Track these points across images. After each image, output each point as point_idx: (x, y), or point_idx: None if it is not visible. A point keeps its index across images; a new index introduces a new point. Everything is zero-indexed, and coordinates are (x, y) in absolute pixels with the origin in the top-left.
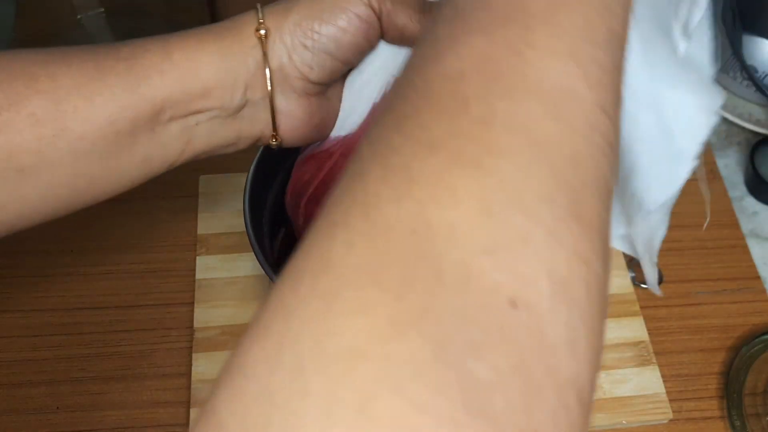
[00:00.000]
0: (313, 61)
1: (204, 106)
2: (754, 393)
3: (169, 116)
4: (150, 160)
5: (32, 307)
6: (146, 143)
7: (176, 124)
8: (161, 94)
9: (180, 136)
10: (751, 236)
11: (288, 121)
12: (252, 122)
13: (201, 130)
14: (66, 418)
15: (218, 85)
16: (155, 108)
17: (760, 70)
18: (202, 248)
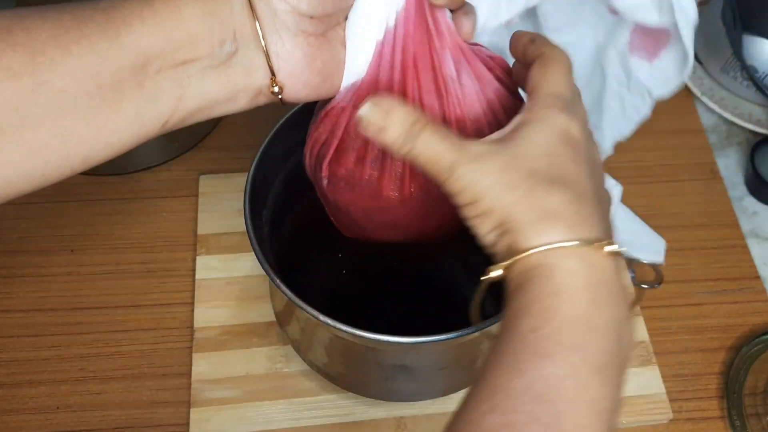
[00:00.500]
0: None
1: (191, 55)
2: (754, 393)
3: (156, 68)
4: (141, 118)
5: (32, 307)
6: (134, 99)
7: (165, 78)
8: (144, 44)
9: (171, 90)
10: (751, 236)
11: (286, 65)
12: (247, 71)
13: (192, 83)
14: (66, 417)
15: (204, 31)
16: (139, 59)
17: (760, 70)
18: (202, 248)
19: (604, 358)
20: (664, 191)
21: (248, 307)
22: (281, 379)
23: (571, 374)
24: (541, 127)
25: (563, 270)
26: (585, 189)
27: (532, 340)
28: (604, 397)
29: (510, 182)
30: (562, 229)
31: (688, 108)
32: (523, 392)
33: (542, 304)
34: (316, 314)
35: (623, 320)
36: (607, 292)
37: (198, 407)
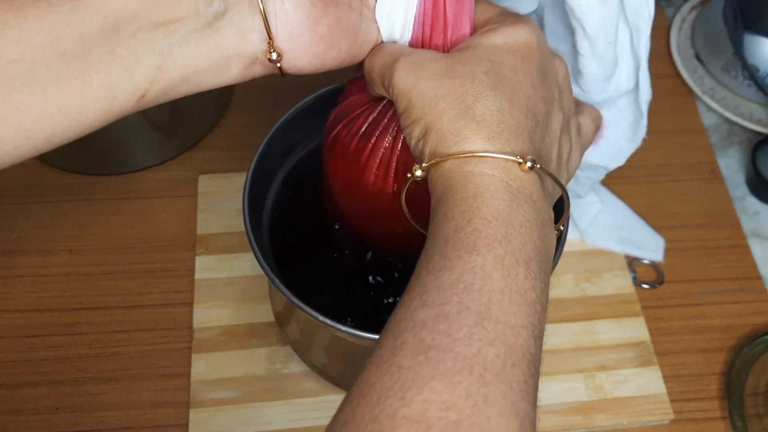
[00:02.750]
0: None
1: (173, 15)
2: (755, 393)
3: (130, 32)
4: (113, 91)
5: (31, 307)
6: (105, 69)
7: (142, 43)
8: (114, 4)
9: (148, 58)
10: (752, 236)
11: (286, 27)
12: (239, 34)
13: (175, 49)
14: (65, 418)
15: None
16: (109, 21)
17: (761, 70)
18: (202, 248)
19: (528, 253)
20: (665, 191)
21: (248, 307)
22: (281, 379)
23: (497, 265)
24: (490, 36)
25: (481, 175)
26: (520, 99)
27: (458, 238)
28: (532, 288)
29: (442, 89)
30: (482, 138)
31: (689, 107)
32: (453, 285)
33: (462, 206)
34: (316, 315)
35: (545, 223)
36: (524, 198)
37: (197, 408)
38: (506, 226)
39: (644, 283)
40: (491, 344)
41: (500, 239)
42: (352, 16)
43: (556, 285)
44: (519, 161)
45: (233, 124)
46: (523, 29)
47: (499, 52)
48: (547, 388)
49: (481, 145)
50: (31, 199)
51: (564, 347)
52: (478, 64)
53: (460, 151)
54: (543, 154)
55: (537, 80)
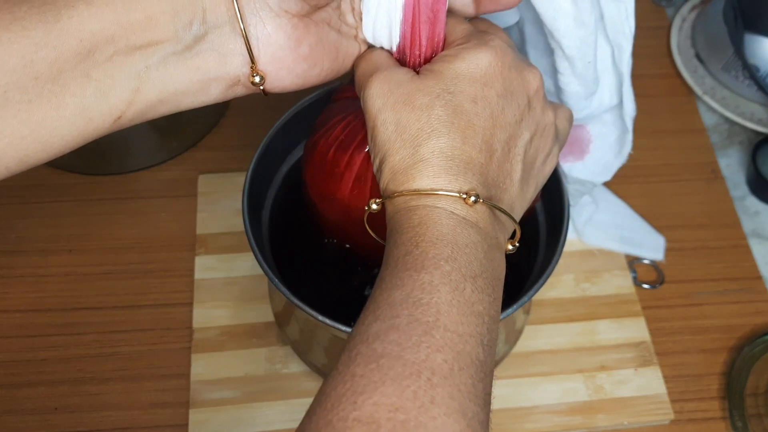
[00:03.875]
0: None
1: (150, 39)
2: (755, 393)
3: (106, 56)
4: (87, 113)
5: (30, 307)
6: (80, 92)
7: (118, 66)
8: (90, 27)
9: (125, 81)
10: (752, 236)
11: (268, 50)
12: (220, 57)
13: (152, 72)
14: (65, 418)
15: (165, 11)
16: (84, 45)
17: (762, 69)
18: (201, 248)
19: (474, 270)
20: (665, 191)
21: (247, 307)
22: (280, 379)
23: (444, 280)
24: (453, 62)
25: (425, 208)
26: (475, 133)
27: (407, 260)
28: (479, 301)
29: (401, 123)
30: (428, 176)
31: (689, 107)
32: (403, 300)
33: (410, 234)
34: (315, 314)
35: (492, 246)
36: (469, 225)
37: (197, 408)
38: (451, 246)
39: (644, 283)
40: (439, 351)
41: (446, 258)
42: (332, 34)
43: (556, 285)
44: (463, 197)
45: (233, 124)
46: (485, 55)
47: (460, 81)
48: (547, 388)
49: (426, 184)
50: (31, 199)
51: (564, 347)
52: (439, 96)
53: (407, 190)
54: (499, 182)
55: (498, 107)
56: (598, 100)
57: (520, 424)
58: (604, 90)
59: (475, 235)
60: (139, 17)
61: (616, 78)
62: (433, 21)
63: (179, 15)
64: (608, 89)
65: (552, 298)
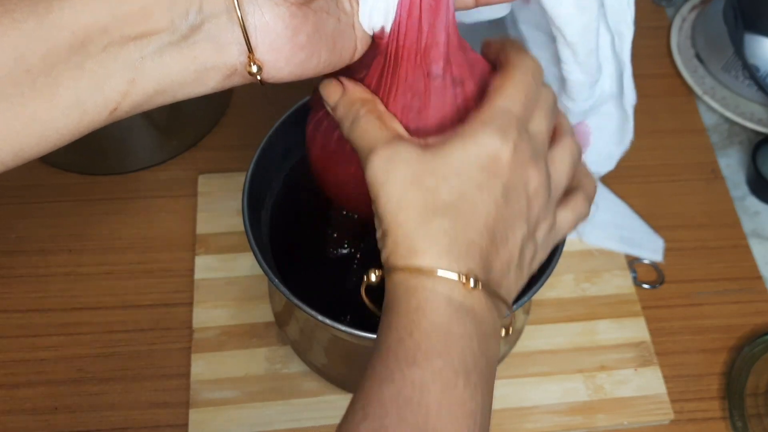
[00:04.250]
0: None
1: (145, 29)
2: (755, 393)
3: (100, 47)
4: (82, 106)
5: (31, 307)
6: (73, 84)
7: (113, 57)
8: (84, 19)
9: (120, 72)
10: (752, 236)
11: (266, 39)
12: (217, 46)
13: (148, 62)
14: (65, 418)
15: (162, 1)
16: (77, 37)
17: (762, 69)
18: (201, 248)
19: (467, 364)
20: (665, 191)
21: (247, 307)
22: (280, 379)
23: (436, 378)
24: (465, 144)
25: (424, 290)
26: (478, 219)
27: (399, 350)
28: (471, 398)
29: (406, 199)
30: (430, 255)
31: (689, 107)
32: (393, 398)
33: (405, 319)
34: (315, 314)
35: (487, 334)
36: (466, 312)
37: (197, 408)
38: (445, 338)
39: (644, 283)
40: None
41: (439, 351)
42: (329, 23)
43: (556, 285)
44: (462, 281)
45: (233, 124)
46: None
47: (469, 167)
48: (547, 388)
49: (428, 263)
50: (31, 199)
51: (564, 347)
52: (446, 179)
53: (408, 266)
54: (496, 269)
55: (501, 198)
56: (600, 89)
57: (520, 424)
58: (605, 78)
59: (470, 325)
60: (134, 8)
61: (616, 66)
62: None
63: (175, 4)
64: (609, 78)
65: (552, 297)
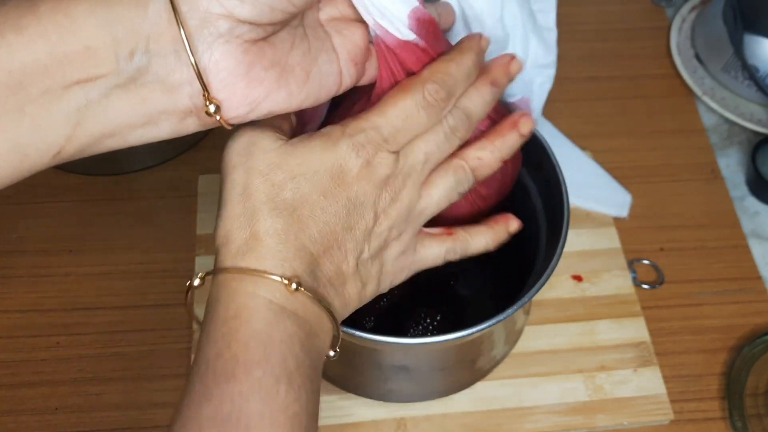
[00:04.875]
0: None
1: (88, 72)
2: (755, 394)
3: (40, 89)
4: (22, 149)
5: (31, 308)
6: (13, 127)
7: (55, 101)
8: (21, 59)
9: (63, 115)
10: (752, 236)
11: (216, 75)
12: (166, 88)
13: (93, 105)
14: (65, 419)
15: (106, 42)
16: (14, 78)
17: (761, 70)
18: (201, 249)
19: (289, 367)
20: (665, 191)
21: None
22: None
23: (255, 388)
24: (324, 148)
25: (244, 294)
26: (315, 224)
27: (218, 365)
28: (295, 400)
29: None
30: (255, 256)
31: (689, 108)
32: (211, 417)
33: (223, 329)
34: None
35: (309, 334)
36: (287, 315)
37: None
38: (265, 345)
39: (644, 283)
40: None
41: (258, 360)
42: (295, 55)
43: (556, 285)
44: (285, 283)
45: None
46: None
47: (319, 172)
48: (547, 388)
49: (253, 264)
50: (31, 198)
51: (564, 347)
52: (294, 179)
53: (232, 266)
54: (325, 277)
55: (342, 210)
56: None
57: (520, 424)
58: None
59: (291, 327)
60: (76, 48)
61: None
62: None
63: (120, 45)
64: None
65: (552, 297)
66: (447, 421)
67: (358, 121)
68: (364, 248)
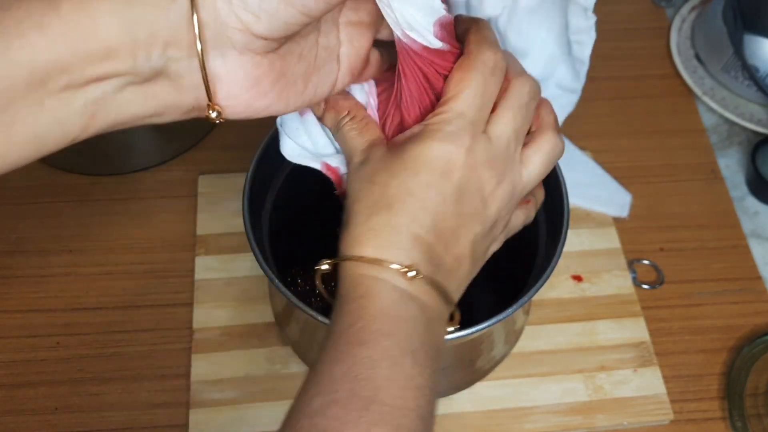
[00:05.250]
0: (261, 6)
1: (107, 70)
2: (755, 394)
3: (61, 85)
4: (40, 140)
5: (31, 308)
6: (31, 120)
7: (73, 96)
8: (43, 58)
9: (81, 108)
10: (752, 236)
11: (224, 86)
12: (177, 88)
13: (109, 99)
14: (65, 419)
15: (125, 43)
16: (36, 76)
17: (761, 70)
18: (201, 249)
19: (414, 344)
20: (665, 191)
21: (247, 308)
22: (281, 380)
23: (384, 355)
24: (417, 147)
25: (370, 278)
26: (425, 215)
27: (350, 334)
28: (419, 374)
29: (361, 193)
30: (375, 246)
31: (689, 108)
32: (343, 375)
33: (353, 305)
34: (315, 315)
35: (432, 319)
36: (411, 298)
37: (197, 408)
38: (392, 321)
39: (644, 283)
40: (378, 425)
41: (386, 333)
42: (300, 66)
43: (556, 285)
44: (404, 271)
45: (233, 124)
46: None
47: (421, 167)
48: (547, 388)
49: (372, 253)
50: (31, 199)
51: (564, 347)
52: (396, 176)
53: (355, 255)
54: (443, 263)
55: (451, 198)
56: None
57: (520, 424)
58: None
59: (415, 309)
60: (97, 47)
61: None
62: None
63: (138, 46)
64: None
65: (552, 297)
66: (447, 422)
67: (442, 114)
68: (477, 232)
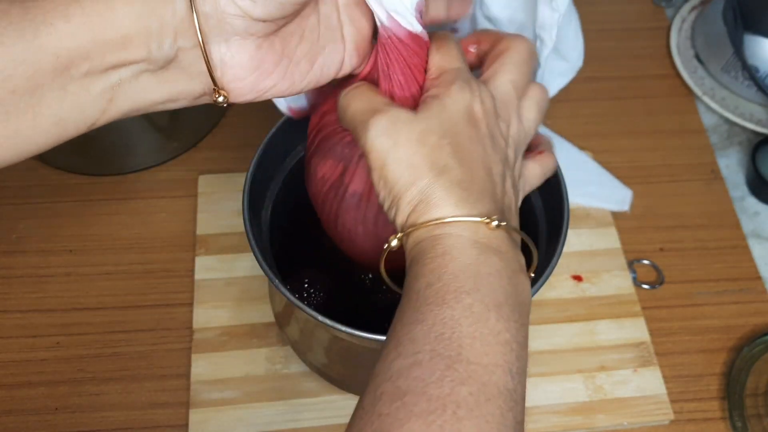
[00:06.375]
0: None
1: (124, 58)
2: (755, 394)
3: (82, 71)
4: (62, 124)
5: (31, 308)
6: (55, 104)
7: (93, 81)
8: (67, 45)
9: (99, 95)
10: (752, 236)
11: (229, 70)
12: (188, 76)
13: (126, 86)
14: (65, 419)
15: (140, 32)
16: (60, 62)
17: (761, 70)
18: (201, 248)
19: (498, 298)
20: (665, 191)
21: (247, 307)
22: (280, 380)
23: (466, 313)
24: (445, 102)
25: (449, 236)
26: (481, 166)
27: (429, 293)
28: (505, 329)
29: (416, 158)
30: (449, 205)
31: (689, 108)
32: (425, 335)
33: (432, 264)
34: (315, 315)
35: (515, 271)
36: (492, 251)
37: (197, 408)
38: (474, 277)
39: (644, 283)
40: (463, 384)
41: (468, 290)
42: (303, 47)
43: (556, 285)
44: (486, 221)
45: (233, 124)
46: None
47: (458, 122)
48: (547, 388)
49: (449, 212)
50: (31, 199)
51: (564, 347)
52: (444, 135)
53: (429, 219)
54: (505, 209)
55: (489, 144)
56: None
57: None
58: None
59: (498, 263)
60: (115, 36)
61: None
62: None
63: (152, 36)
64: None
65: (552, 298)
66: None
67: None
68: (514, 173)
